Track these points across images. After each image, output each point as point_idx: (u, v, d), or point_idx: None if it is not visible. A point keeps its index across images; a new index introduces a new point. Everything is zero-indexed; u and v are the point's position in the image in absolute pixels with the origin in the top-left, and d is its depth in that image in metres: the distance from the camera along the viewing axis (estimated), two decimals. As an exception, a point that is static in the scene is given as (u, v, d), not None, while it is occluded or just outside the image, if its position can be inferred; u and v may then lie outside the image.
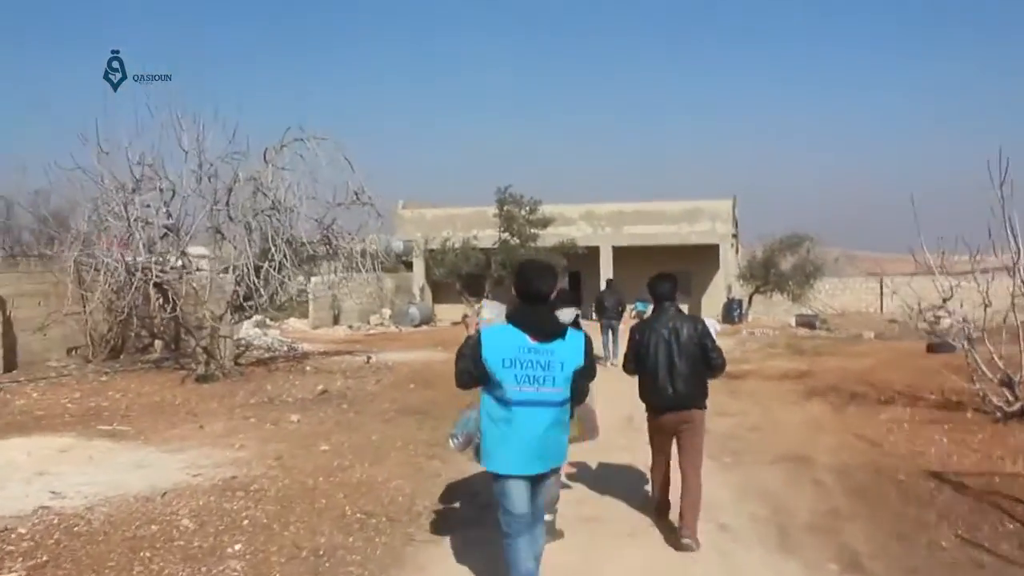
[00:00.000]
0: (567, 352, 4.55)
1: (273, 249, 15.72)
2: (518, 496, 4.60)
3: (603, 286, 21.98)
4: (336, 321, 30.76)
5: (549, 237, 32.19)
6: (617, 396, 9.31)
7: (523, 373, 4.45)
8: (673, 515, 6.47)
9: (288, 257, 16.28)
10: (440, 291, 36.08)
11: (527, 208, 31.54)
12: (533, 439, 4.52)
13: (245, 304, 16.44)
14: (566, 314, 5.46)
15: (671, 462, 6.55)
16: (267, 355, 20.16)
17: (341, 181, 16.57)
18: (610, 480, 8.16)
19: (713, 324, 8.04)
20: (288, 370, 16.99)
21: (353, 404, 12.75)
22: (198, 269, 16.54)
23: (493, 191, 31.71)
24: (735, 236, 35.80)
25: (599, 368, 5.20)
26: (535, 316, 4.58)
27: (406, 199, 39.14)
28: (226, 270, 16.67)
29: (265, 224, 16.22)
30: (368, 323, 32.34)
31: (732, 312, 32.66)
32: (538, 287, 4.64)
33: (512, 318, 4.62)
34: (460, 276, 32.19)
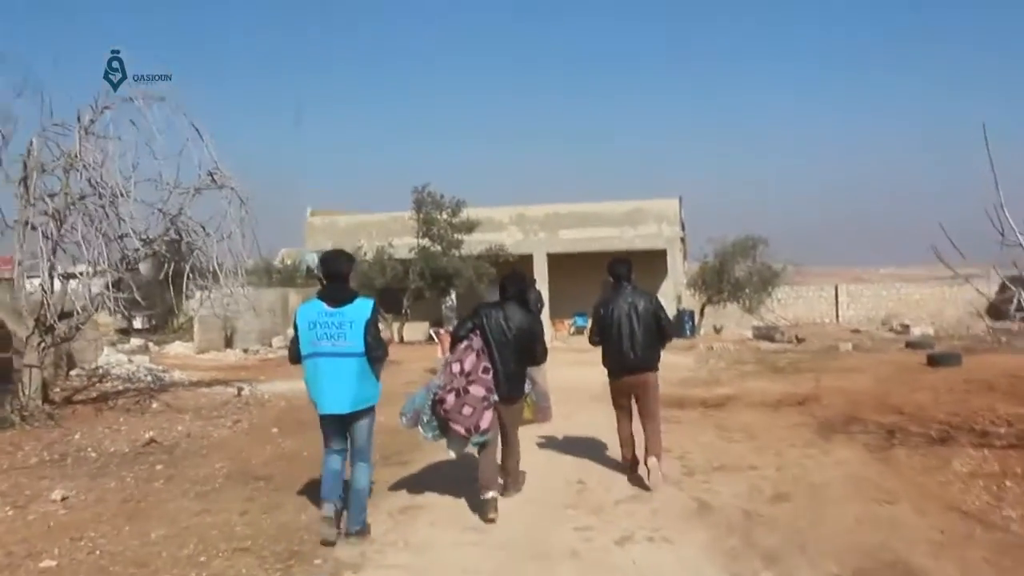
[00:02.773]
0: (356, 313, 5.70)
1: (83, 246, 11.47)
2: (332, 432, 5.91)
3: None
4: (229, 344, 26.30)
5: (476, 244, 28.28)
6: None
7: (323, 332, 5.66)
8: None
9: (116, 260, 12.10)
10: (357, 308, 31.82)
11: (448, 210, 27.57)
12: (337, 384, 5.67)
13: (60, 323, 12.08)
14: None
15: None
16: (120, 387, 15.81)
17: (193, 160, 12.39)
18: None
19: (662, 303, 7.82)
20: (127, 409, 12.74)
21: (174, 463, 8.67)
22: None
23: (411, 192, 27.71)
24: (683, 240, 32.23)
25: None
26: (331, 289, 5.84)
27: (315, 207, 34.98)
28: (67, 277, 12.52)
29: (96, 215, 11.98)
30: (270, 346, 27.96)
31: (684, 325, 29.03)
32: (335, 268, 5.93)
33: (318, 293, 5.87)
34: (374, 290, 28.04)
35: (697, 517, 6.28)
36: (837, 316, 40.29)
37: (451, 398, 6.29)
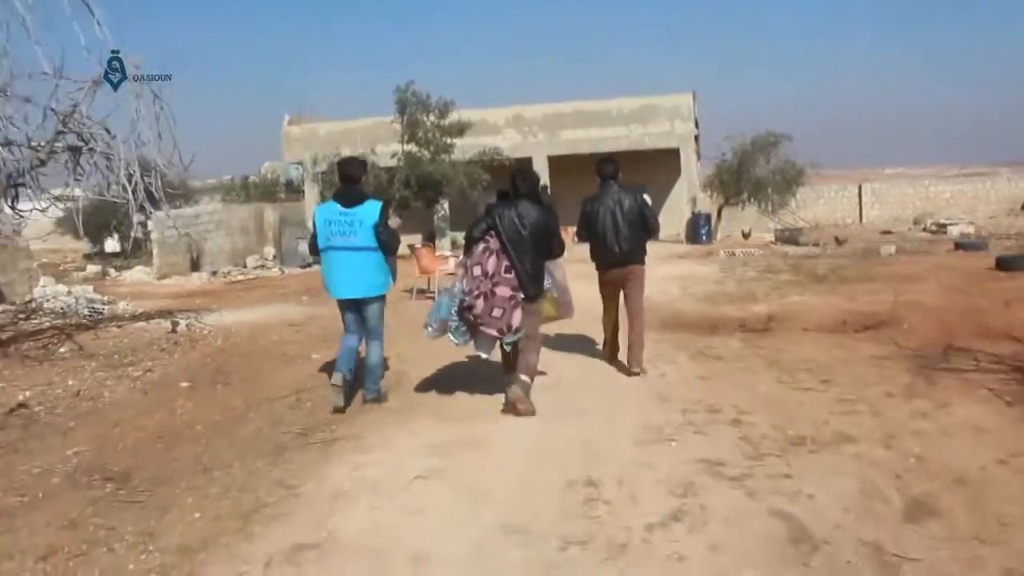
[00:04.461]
0: (365, 213, 6.43)
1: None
2: (348, 317, 6.75)
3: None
4: (196, 267, 23.64)
5: (469, 149, 25.34)
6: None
7: (336, 229, 6.45)
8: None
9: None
10: (343, 223, 29.04)
11: (436, 112, 24.56)
12: (349, 273, 6.51)
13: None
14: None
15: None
16: (46, 325, 13.25)
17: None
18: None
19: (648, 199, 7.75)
20: (26, 355, 10.20)
21: (20, 444, 6.16)
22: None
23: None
24: (696, 139, 29.19)
25: None
26: (345, 191, 6.59)
27: (296, 113, 31.90)
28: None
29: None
30: (244, 266, 25.34)
31: (699, 230, 26.31)
32: (349, 172, 6.71)
33: (333, 195, 6.71)
34: (355, 201, 25.29)
35: (791, 557, 3.70)
36: (861, 217, 37.51)
37: (480, 303, 6.24)
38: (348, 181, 6.66)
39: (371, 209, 6.44)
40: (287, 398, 7.23)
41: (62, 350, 10.51)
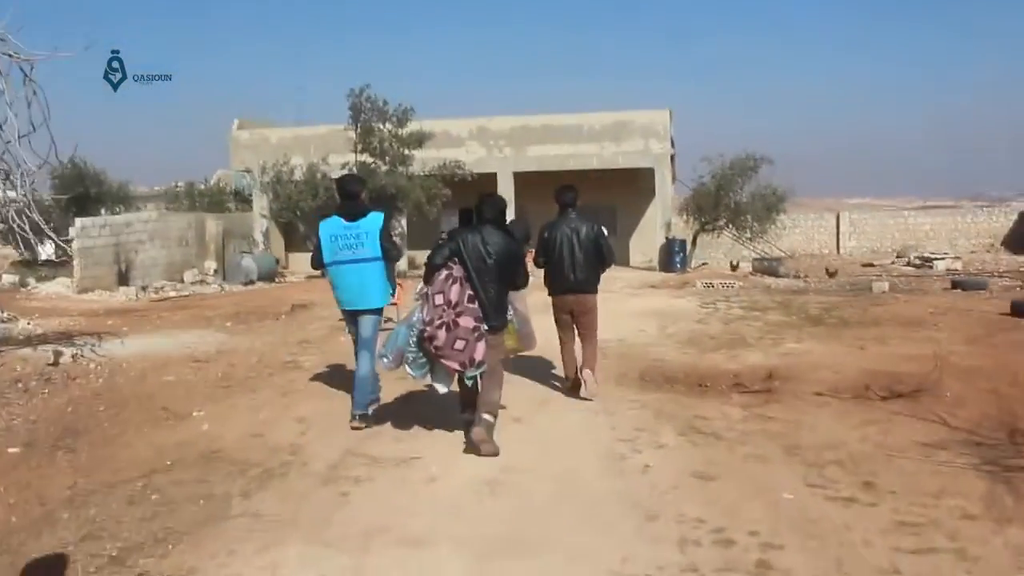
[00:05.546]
0: (370, 225, 6.57)
1: None
2: (354, 326, 6.81)
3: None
4: (125, 281, 21.42)
5: (430, 161, 23.45)
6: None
7: (343, 243, 6.57)
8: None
9: None
10: (294, 235, 27.02)
11: (393, 119, 22.65)
12: (354, 286, 6.64)
13: None
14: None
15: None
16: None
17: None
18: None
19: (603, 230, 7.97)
20: None
21: None
22: None
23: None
24: (672, 159, 27.45)
25: None
26: (347, 206, 6.67)
27: (246, 118, 29.84)
28: None
29: None
30: (182, 281, 23.17)
31: (674, 257, 24.52)
32: (350, 189, 6.86)
33: (335, 210, 6.76)
34: (302, 214, 23.24)
35: None
36: (838, 247, 36.05)
37: (442, 333, 5.82)
38: (349, 197, 6.81)
39: (375, 220, 6.63)
40: (132, 483, 5.27)
41: None
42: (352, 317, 6.81)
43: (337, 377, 8.59)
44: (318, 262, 6.78)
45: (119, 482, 5.30)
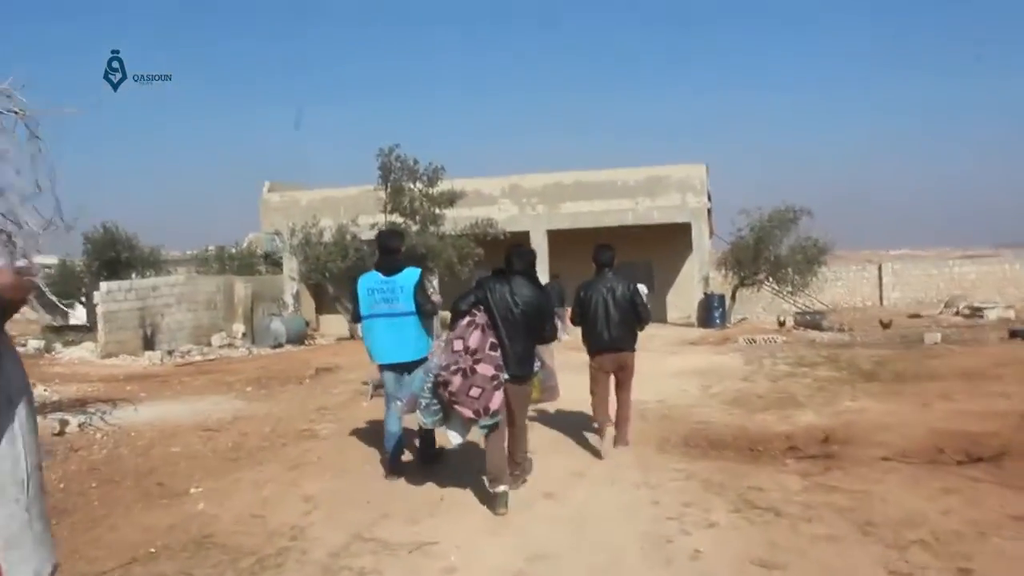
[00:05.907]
0: (406, 280, 6.73)
1: None
2: (389, 379, 6.86)
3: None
4: (151, 345, 21.03)
5: (462, 220, 23.01)
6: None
7: (380, 297, 6.71)
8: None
9: None
10: (325, 297, 26.62)
11: (423, 179, 22.27)
12: (392, 339, 6.70)
13: None
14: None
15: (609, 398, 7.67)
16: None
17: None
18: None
19: (643, 288, 8.63)
20: None
21: None
22: None
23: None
24: (709, 213, 26.78)
25: None
26: (385, 261, 6.84)
27: (276, 181, 29.71)
28: None
29: None
30: (209, 344, 22.76)
31: (712, 312, 23.74)
32: (388, 245, 6.96)
33: (375, 265, 7.01)
34: (331, 276, 22.79)
35: None
36: (881, 299, 35.05)
37: (457, 379, 5.62)
38: (388, 252, 6.96)
39: (410, 275, 6.81)
40: (107, 574, 4.63)
41: None
42: (389, 370, 6.86)
43: (353, 448, 7.96)
44: (357, 315, 6.96)
45: (94, 574, 4.66)
